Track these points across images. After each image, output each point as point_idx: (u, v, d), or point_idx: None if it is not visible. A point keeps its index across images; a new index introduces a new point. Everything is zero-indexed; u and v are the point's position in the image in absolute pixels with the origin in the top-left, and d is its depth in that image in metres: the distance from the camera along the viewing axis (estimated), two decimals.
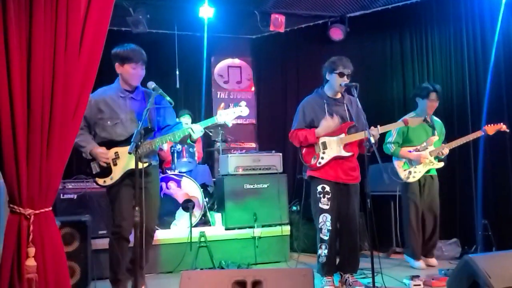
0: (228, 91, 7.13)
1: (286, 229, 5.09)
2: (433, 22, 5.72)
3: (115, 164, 3.28)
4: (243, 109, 3.32)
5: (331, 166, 3.69)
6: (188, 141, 3.36)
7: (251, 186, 5.04)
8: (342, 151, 3.66)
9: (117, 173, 3.28)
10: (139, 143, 2.79)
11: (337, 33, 6.24)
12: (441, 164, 4.48)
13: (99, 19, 2.42)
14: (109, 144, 3.32)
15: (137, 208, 2.73)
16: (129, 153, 2.76)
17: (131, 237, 3.15)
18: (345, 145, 3.67)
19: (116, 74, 3.43)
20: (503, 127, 4.40)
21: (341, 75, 3.62)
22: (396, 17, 5.98)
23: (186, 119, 5.85)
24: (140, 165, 2.84)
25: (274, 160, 5.24)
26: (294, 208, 5.89)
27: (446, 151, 4.40)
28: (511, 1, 4.91)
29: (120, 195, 3.28)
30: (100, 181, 3.32)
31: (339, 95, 3.77)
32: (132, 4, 5.52)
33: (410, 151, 4.45)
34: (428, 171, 4.47)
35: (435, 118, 4.62)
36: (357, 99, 3.53)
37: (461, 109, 5.40)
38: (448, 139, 4.75)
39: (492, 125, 4.41)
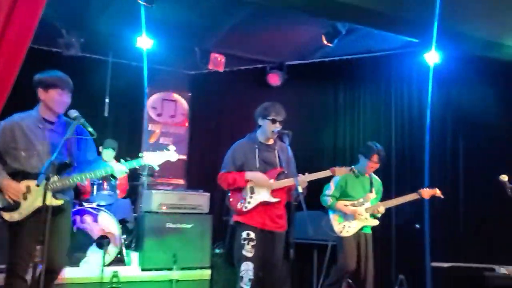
0: (160, 124, 6.93)
1: (207, 273, 4.89)
2: (365, 80, 6.01)
3: (25, 199, 2.95)
4: (172, 154, 3.19)
5: (258, 212, 3.60)
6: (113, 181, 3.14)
7: (174, 226, 4.82)
8: (269, 197, 3.59)
9: (26, 208, 2.94)
10: (50, 175, 2.54)
11: (275, 79, 6.37)
12: (376, 222, 4.43)
13: (19, 33, 2.22)
14: (21, 175, 2.99)
15: (38, 247, 2.46)
16: (37, 185, 2.49)
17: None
18: (273, 191, 3.61)
19: (35, 102, 3.15)
20: (437, 192, 4.45)
21: (273, 121, 3.61)
22: (332, 70, 6.22)
23: (109, 153, 5.53)
24: (54, 202, 2.59)
25: (201, 199, 5.08)
26: (218, 250, 5.70)
27: (382, 209, 4.37)
28: (437, 68, 5.24)
29: (24, 231, 2.94)
30: (6, 215, 2.94)
31: (271, 141, 3.74)
32: (65, 25, 5.28)
33: (346, 205, 4.39)
34: (363, 229, 4.40)
35: (374, 176, 4.61)
36: (289, 147, 3.51)
37: (386, 170, 5.57)
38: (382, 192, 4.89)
39: (427, 189, 4.44)
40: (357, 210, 4.33)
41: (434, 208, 5.18)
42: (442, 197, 4.46)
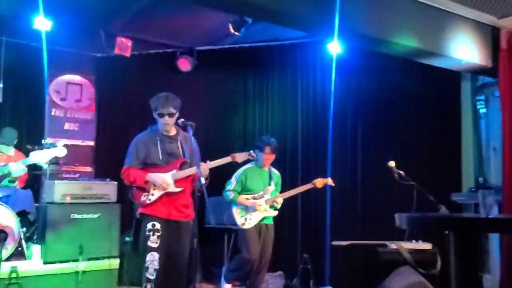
0: (65, 109, 6.60)
1: (115, 263, 4.82)
2: (273, 67, 6.19)
3: None
4: (60, 151, 3.12)
5: (163, 202, 3.63)
6: (6, 183, 2.95)
7: (79, 216, 4.68)
8: (173, 187, 3.62)
9: None
10: None
11: (185, 64, 6.31)
12: (275, 213, 4.71)
13: None
14: None
15: None
16: None
17: None
18: (176, 181, 3.64)
19: None
20: (329, 181, 4.82)
21: (160, 115, 3.61)
22: (241, 56, 6.29)
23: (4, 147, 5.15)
24: None
25: (108, 188, 4.96)
26: (127, 239, 5.64)
27: (280, 200, 4.64)
28: (338, 58, 5.51)
29: None
30: None
31: (173, 132, 3.75)
32: None
33: (247, 199, 4.60)
34: (263, 219, 4.64)
35: (273, 169, 4.85)
36: (192, 137, 3.55)
37: (293, 154, 5.88)
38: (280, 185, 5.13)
39: (321, 178, 4.79)
40: (257, 202, 4.56)
41: (335, 190, 5.55)
42: (333, 185, 4.84)
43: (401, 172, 4.32)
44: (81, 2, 5.02)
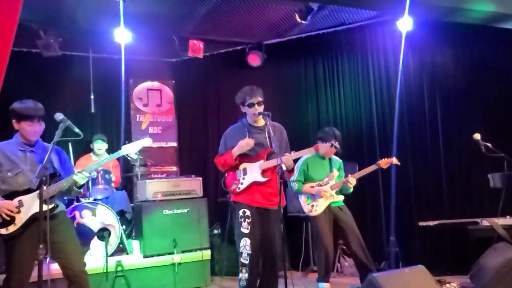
0: (147, 114, 7.03)
1: (207, 254, 5.09)
2: (342, 51, 6.12)
3: (18, 211, 3.13)
4: (146, 141, 3.38)
5: (252, 191, 3.77)
6: (74, 189, 3.26)
7: (171, 212, 5.00)
8: (260, 177, 3.75)
9: (20, 219, 3.12)
10: (44, 178, 2.72)
11: (255, 59, 6.45)
12: (341, 197, 4.69)
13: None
14: (11, 196, 3.16)
15: (41, 246, 2.67)
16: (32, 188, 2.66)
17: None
18: (263, 171, 3.77)
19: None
20: (394, 160, 4.73)
21: (250, 105, 3.75)
22: (309, 45, 6.31)
23: (100, 145, 5.72)
24: (46, 207, 2.81)
25: (194, 184, 5.24)
26: (216, 231, 5.91)
27: (353, 180, 4.55)
28: (410, 34, 5.36)
29: (21, 247, 3.11)
30: (3, 230, 3.11)
31: (261, 123, 3.87)
32: (42, 26, 5.27)
33: (312, 186, 4.64)
34: (334, 203, 4.64)
35: (335, 157, 4.84)
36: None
37: (369, 134, 5.82)
38: (359, 164, 5.13)
39: (385, 159, 4.71)
40: (322, 188, 4.56)
41: (417, 169, 5.43)
42: (399, 163, 4.71)
43: (488, 144, 4.13)
44: (155, 10, 5.30)
